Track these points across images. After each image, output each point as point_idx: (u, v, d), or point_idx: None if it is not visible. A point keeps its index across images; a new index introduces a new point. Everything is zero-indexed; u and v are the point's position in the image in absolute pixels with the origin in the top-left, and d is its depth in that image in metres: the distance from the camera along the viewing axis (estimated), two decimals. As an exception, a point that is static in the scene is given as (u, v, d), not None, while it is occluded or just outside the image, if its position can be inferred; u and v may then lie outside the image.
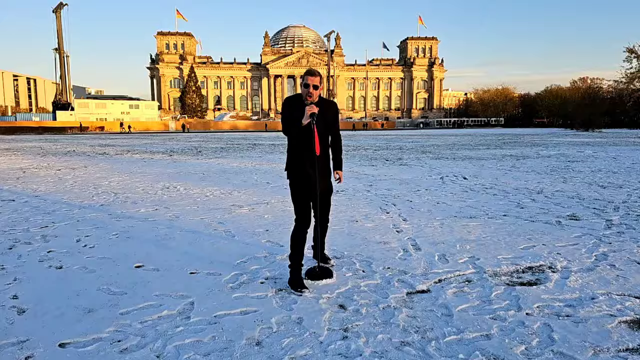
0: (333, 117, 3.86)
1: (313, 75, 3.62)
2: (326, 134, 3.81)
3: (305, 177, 3.68)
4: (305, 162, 3.66)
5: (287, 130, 3.68)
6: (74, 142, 35.73)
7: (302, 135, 3.65)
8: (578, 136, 42.24)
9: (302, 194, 3.73)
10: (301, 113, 3.56)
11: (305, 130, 3.62)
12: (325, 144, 3.82)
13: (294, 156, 3.74)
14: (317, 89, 3.64)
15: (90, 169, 13.81)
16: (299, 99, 3.70)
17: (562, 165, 13.71)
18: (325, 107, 3.76)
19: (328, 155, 3.89)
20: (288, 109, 3.70)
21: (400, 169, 13.08)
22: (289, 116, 3.64)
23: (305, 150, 3.66)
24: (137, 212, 6.98)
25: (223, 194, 8.76)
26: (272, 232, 5.61)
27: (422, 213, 6.68)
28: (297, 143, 3.71)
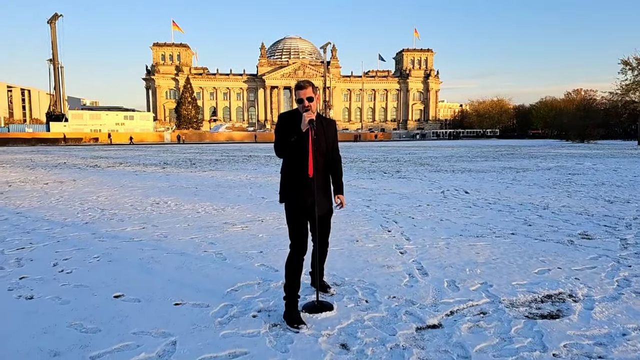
0: (333, 137, 3.53)
1: (302, 88, 3.30)
2: (327, 154, 3.48)
3: (301, 200, 3.33)
4: (302, 184, 3.31)
5: (281, 148, 3.33)
6: (66, 154, 35.23)
7: (297, 153, 3.30)
8: (574, 147, 42.23)
9: (298, 217, 3.36)
10: (296, 128, 3.23)
11: (301, 148, 3.27)
12: (325, 164, 3.48)
13: (288, 178, 3.39)
14: (313, 100, 3.31)
15: (79, 183, 13.37)
16: (295, 115, 3.36)
17: (564, 179, 13.42)
18: (325, 126, 3.45)
19: (328, 176, 3.54)
20: (282, 128, 3.36)
21: (400, 182, 12.74)
22: (283, 134, 3.31)
23: (301, 170, 3.31)
24: (122, 231, 6.57)
25: (216, 210, 8.36)
26: (266, 254, 5.22)
27: (426, 231, 6.32)
28: (292, 163, 3.36)
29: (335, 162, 3.59)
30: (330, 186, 3.58)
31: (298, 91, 3.30)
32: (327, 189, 3.52)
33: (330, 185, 3.58)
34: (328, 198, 3.53)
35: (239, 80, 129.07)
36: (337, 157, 3.61)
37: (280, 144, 3.32)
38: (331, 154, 3.52)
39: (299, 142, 3.25)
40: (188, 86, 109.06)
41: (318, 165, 3.33)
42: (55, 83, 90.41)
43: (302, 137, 3.25)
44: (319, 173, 3.36)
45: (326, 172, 3.50)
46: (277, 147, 3.35)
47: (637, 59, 45.40)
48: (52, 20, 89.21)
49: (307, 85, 3.32)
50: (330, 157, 3.51)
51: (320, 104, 10.71)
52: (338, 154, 3.63)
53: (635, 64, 45.46)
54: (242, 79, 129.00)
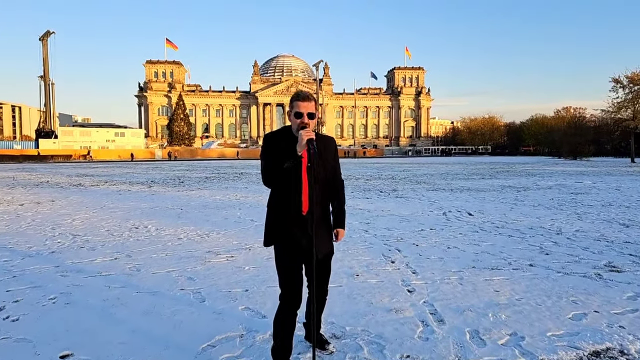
0: (333, 159, 2.87)
1: (306, 100, 2.66)
2: (327, 181, 2.81)
3: (294, 242, 2.64)
4: (295, 221, 2.63)
5: (272, 176, 2.66)
6: (51, 171, 34.24)
7: (289, 184, 2.63)
8: (568, 165, 42.10)
9: (291, 262, 2.67)
10: (290, 151, 2.56)
11: (293, 177, 2.60)
12: (324, 193, 2.81)
13: (277, 214, 2.71)
14: (314, 118, 2.69)
15: (57, 204, 12.54)
16: (286, 135, 2.71)
17: (568, 198, 12.87)
18: (323, 146, 2.78)
19: (327, 208, 2.86)
20: (271, 151, 2.69)
21: (398, 203, 12.09)
22: (275, 159, 2.63)
23: (293, 204, 2.63)
24: (91, 263, 5.80)
25: (199, 235, 7.62)
26: (252, 293, 4.49)
27: (434, 262, 5.63)
28: (282, 195, 2.68)
29: (336, 189, 2.92)
30: (330, 219, 2.90)
31: (298, 103, 2.65)
32: (327, 224, 2.85)
33: (330, 218, 2.91)
34: (329, 235, 2.85)
35: (232, 97, 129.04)
36: (339, 183, 2.95)
37: (270, 171, 2.64)
38: (332, 180, 2.86)
39: (295, 168, 2.58)
40: (180, 103, 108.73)
41: (315, 197, 2.66)
42: (46, 100, 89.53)
43: (299, 162, 2.59)
44: (317, 206, 2.69)
45: (325, 202, 2.83)
46: (267, 176, 2.68)
47: (627, 77, 45.84)
48: (44, 37, 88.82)
49: (311, 99, 2.69)
50: (330, 184, 2.85)
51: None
52: (340, 179, 2.96)
53: (626, 82, 45.88)
54: (235, 96, 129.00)
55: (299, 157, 2.57)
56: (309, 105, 2.66)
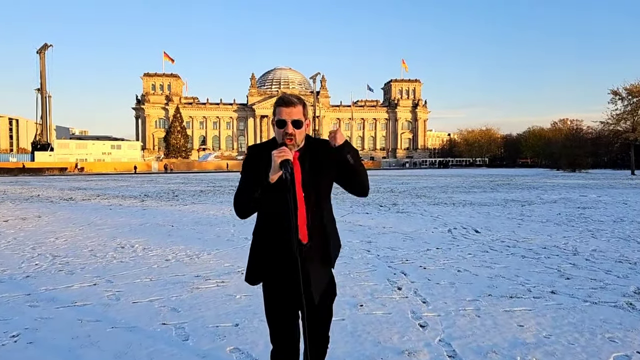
0: (329, 157, 2.27)
1: (290, 105, 2.15)
2: (324, 192, 2.28)
3: (284, 282, 2.14)
4: (287, 254, 2.12)
5: (241, 205, 2.17)
6: (44, 185, 33.65)
7: (276, 205, 2.12)
8: (567, 177, 41.80)
9: (280, 309, 2.16)
10: (266, 175, 2.07)
11: (285, 201, 2.06)
12: (325, 211, 2.29)
13: (265, 243, 2.20)
14: (301, 126, 2.16)
15: (43, 220, 11.97)
16: (270, 147, 2.19)
17: (576, 213, 12.40)
18: (317, 151, 2.26)
19: (327, 231, 2.29)
20: (248, 168, 2.20)
21: (399, 218, 11.58)
22: (246, 181, 2.15)
23: (286, 232, 2.11)
24: (66, 290, 5.25)
25: (189, 256, 7.08)
26: (243, 328, 3.95)
27: (445, 289, 5.11)
28: (271, 221, 2.17)
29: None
30: (331, 246, 2.31)
31: (280, 108, 2.14)
32: (326, 254, 2.29)
33: (331, 245, 2.31)
34: (326, 269, 2.31)
35: (229, 110, 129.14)
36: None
37: (239, 197, 2.14)
38: (330, 187, 2.35)
39: (274, 195, 2.06)
40: (178, 115, 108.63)
41: (314, 219, 2.16)
42: (43, 112, 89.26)
43: (276, 188, 2.06)
44: (315, 229, 2.19)
45: (324, 226, 2.27)
46: (236, 203, 2.18)
47: (626, 89, 45.88)
48: (42, 50, 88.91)
49: (294, 102, 2.16)
50: (327, 196, 2.33)
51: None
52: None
53: (625, 94, 45.90)
54: (232, 109, 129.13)
55: (270, 185, 2.04)
56: (294, 111, 2.13)
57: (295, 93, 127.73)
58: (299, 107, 2.16)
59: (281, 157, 1.99)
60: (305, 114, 2.20)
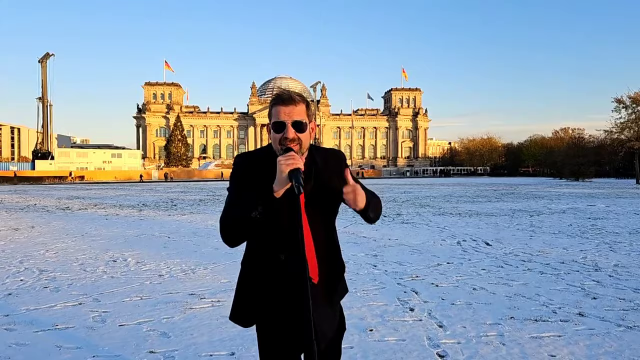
0: (339, 173, 1.87)
1: (290, 103, 1.72)
2: (333, 216, 1.88)
3: (286, 325, 1.72)
4: (287, 295, 1.71)
5: (231, 230, 1.69)
6: (43, 193, 33.27)
7: (278, 235, 1.70)
8: (571, 186, 41.36)
9: (280, 355, 1.75)
10: (266, 189, 1.63)
11: (283, 217, 1.66)
12: (334, 239, 1.88)
13: (256, 282, 1.78)
14: (304, 129, 1.73)
15: (35, 231, 11.55)
16: (266, 157, 1.77)
17: (587, 224, 11.96)
18: (325, 163, 1.84)
19: (339, 264, 1.90)
20: (237, 183, 1.77)
21: (404, 230, 11.14)
22: (238, 198, 1.70)
23: (281, 264, 1.70)
24: (49, 310, 4.82)
25: (184, 271, 6.65)
26: (239, 358, 3.52)
27: (461, 310, 4.67)
28: (263, 249, 1.76)
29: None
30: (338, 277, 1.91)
31: (278, 108, 1.72)
32: (338, 291, 1.90)
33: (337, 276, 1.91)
34: (334, 305, 1.90)
35: (230, 119, 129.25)
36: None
37: (230, 218, 1.69)
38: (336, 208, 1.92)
39: (273, 216, 1.64)
40: (178, 124, 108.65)
41: (323, 249, 1.76)
42: (44, 121, 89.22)
43: (280, 205, 1.63)
44: (325, 262, 1.79)
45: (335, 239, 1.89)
46: (224, 227, 1.70)
47: (630, 97, 45.60)
48: (43, 59, 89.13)
49: (296, 100, 1.74)
50: (333, 218, 1.91)
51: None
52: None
53: (629, 102, 45.62)
54: (233, 117, 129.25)
55: (276, 202, 1.60)
56: (295, 110, 1.70)
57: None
58: (301, 106, 1.74)
59: (290, 165, 1.56)
60: (310, 115, 1.77)
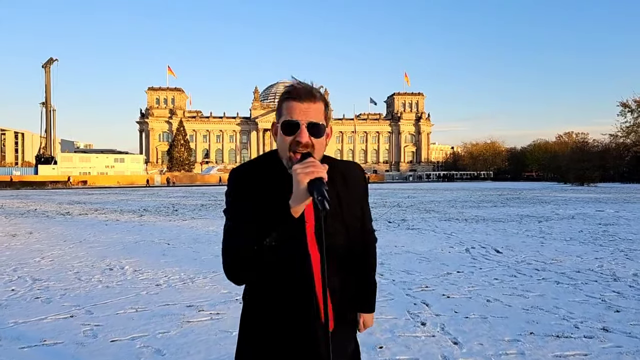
0: (361, 199, 1.61)
1: (306, 98, 1.40)
2: (350, 246, 1.53)
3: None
4: (300, 337, 1.43)
5: (237, 258, 1.38)
6: (44, 198, 33.14)
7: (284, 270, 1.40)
8: (577, 191, 40.92)
9: None
10: (278, 207, 1.31)
11: (289, 257, 1.37)
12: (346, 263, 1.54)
13: (262, 322, 1.48)
14: (320, 135, 1.42)
15: (33, 237, 11.32)
16: (270, 168, 1.47)
17: (599, 230, 11.62)
18: (344, 181, 1.54)
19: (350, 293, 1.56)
20: (240, 202, 1.45)
21: (410, 236, 10.84)
22: (242, 221, 1.39)
23: (296, 303, 1.42)
24: (38, 323, 4.55)
25: (182, 280, 6.38)
26: (239, 380, 3.23)
27: (476, 324, 4.38)
28: (271, 283, 1.44)
29: (365, 246, 1.64)
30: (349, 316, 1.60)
31: (291, 104, 1.38)
32: (348, 333, 1.59)
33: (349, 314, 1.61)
34: (349, 343, 1.61)
35: (232, 123, 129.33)
36: (367, 238, 1.66)
37: (236, 251, 1.38)
38: (359, 236, 1.58)
39: (287, 244, 1.33)
40: (181, 129, 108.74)
41: (340, 286, 1.46)
42: (47, 126, 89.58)
43: (299, 226, 1.33)
44: (344, 304, 1.50)
45: (347, 277, 1.54)
46: (229, 262, 1.40)
47: (636, 101, 45.24)
48: (47, 65, 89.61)
49: (316, 97, 1.40)
50: (355, 244, 1.55)
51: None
52: (369, 230, 1.68)
53: (635, 106, 45.26)
54: (235, 122, 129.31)
55: (296, 222, 1.30)
56: (312, 109, 1.37)
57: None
58: (320, 105, 1.41)
59: (310, 174, 1.22)
60: (328, 116, 1.45)
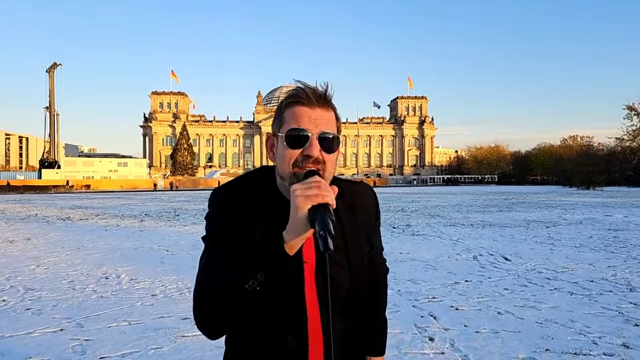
0: (373, 227, 1.31)
1: (316, 104, 1.07)
2: (355, 289, 1.19)
3: None
4: None
5: (212, 304, 1.06)
6: (46, 202, 33.05)
7: (274, 316, 1.08)
8: (583, 195, 40.49)
9: None
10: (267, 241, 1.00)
11: (282, 301, 1.07)
12: (351, 316, 1.21)
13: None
14: (332, 150, 1.09)
15: (31, 243, 11.14)
16: (261, 190, 1.15)
17: (609, 237, 11.32)
18: (351, 208, 1.22)
19: (355, 340, 1.23)
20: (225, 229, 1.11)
21: (415, 242, 10.58)
22: (221, 257, 1.08)
23: (283, 354, 1.10)
24: (25, 338, 4.33)
25: (179, 290, 6.15)
26: (233, 404, 2.98)
27: (488, 339, 4.12)
28: (258, 332, 1.11)
29: (374, 283, 1.33)
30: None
31: (300, 110, 1.07)
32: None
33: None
34: None
35: (236, 127, 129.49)
36: (379, 271, 1.38)
37: (210, 293, 1.06)
38: (368, 275, 1.26)
39: (277, 289, 1.03)
40: (184, 133, 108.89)
41: (338, 339, 1.12)
42: (51, 130, 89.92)
43: (293, 266, 1.03)
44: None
45: (352, 324, 1.22)
46: (201, 306, 1.09)
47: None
48: (51, 69, 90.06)
49: (328, 102, 1.11)
50: (361, 286, 1.22)
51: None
52: (381, 263, 1.40)
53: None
54: (239, 126, 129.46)
55: (290, 261, 1.01)
56: (324, 118, 1.08)
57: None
58: (332, 114, 1.11)
59: (313, 198, 0.92)
60: (339, 128, 1.15)
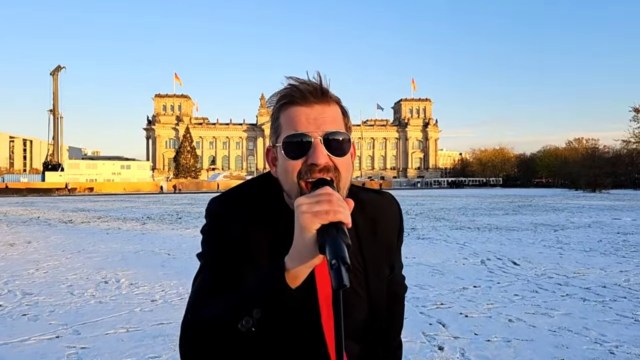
0: (393, 252, 1.17)
1: (315, 100, 0.93)
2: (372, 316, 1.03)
3: None
4: None
5: (197, 345, 0.87)
6: (49, 205, 33.06)
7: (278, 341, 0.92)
8: (589, 198, 40.12)
9: None
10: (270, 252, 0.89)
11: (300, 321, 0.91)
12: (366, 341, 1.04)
13: None
14: (344, 153, 0.93)
15: (31, 246, 11.03)
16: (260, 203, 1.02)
17: (619, 240, 11.09)
18: (372, 225, 1.07)
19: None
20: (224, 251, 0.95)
21: (421, 246, 10.40)
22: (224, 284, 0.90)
23: None
24: (20, 345, 4.19)
25: (179, 295, 5.99)
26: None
27: (500, 348, 3.94)
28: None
29: (393, 298, 1.15)
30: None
31: (294, 110, 0.93)
32: None
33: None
34: None
35: (239, 130, 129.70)
36: (399, 290, 1.23)
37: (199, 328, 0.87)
38: (386, 300, 1.09)
39: (280, 329, 0.88)
40: (188, 136, 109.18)
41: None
42: (54, 133, 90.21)
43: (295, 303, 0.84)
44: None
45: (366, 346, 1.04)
46: (187, 342, 0.90)
47: (648, 106, 44.56)
48: (55, 72, 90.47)
49: (328, 95, 0.95)
50: (380, 312, 1.05)
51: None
52: (399, 283, 1.25)
53: (648, 111, 44.57)
54: (242, 129, 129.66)
55: (294, 294, 0.81)
56: (327, 114, 0.94)
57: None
58: (336, 108, 0.97)
59: (322, 216, 0.74)
60: (348, 125, 1.01)
